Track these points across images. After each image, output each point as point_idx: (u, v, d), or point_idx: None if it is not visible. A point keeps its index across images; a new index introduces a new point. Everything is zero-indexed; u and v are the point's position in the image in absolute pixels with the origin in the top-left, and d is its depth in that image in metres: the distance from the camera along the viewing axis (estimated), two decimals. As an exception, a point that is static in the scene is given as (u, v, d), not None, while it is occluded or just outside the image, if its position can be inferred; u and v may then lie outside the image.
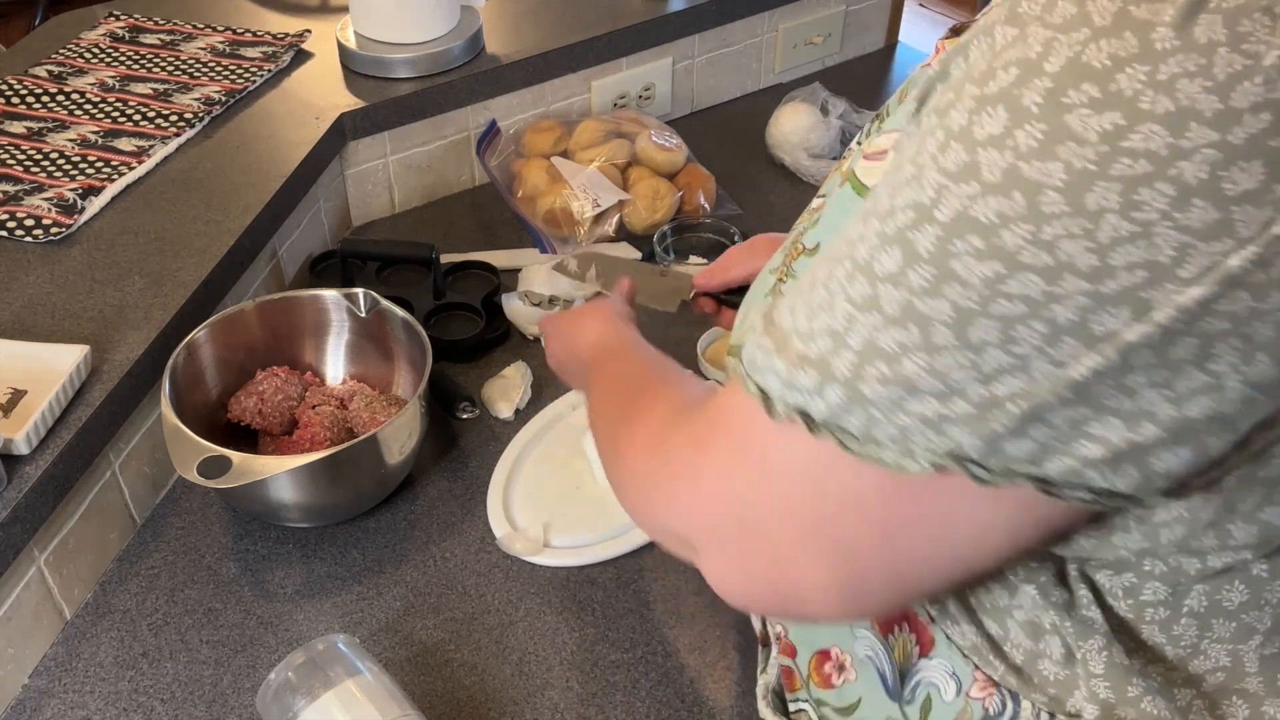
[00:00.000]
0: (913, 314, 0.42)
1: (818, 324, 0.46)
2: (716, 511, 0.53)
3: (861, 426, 0.45)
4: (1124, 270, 0.38)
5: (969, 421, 0.43)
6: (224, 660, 0.87)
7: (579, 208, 1.27)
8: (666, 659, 0.87)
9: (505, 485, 1.01)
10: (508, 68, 1.38)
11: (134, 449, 0.97)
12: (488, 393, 1.11)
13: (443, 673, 0.86)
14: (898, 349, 0.43)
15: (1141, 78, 0.36)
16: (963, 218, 0.40)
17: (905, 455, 0.45)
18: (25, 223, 1.08)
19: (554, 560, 0.94)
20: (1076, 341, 0.40)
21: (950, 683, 0.60)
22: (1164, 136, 0.36)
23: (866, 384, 0.44)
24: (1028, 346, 0.40)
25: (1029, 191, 0.39)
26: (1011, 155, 0.39)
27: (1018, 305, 0.40)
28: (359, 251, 1.21)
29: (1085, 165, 0.37)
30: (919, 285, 0.42)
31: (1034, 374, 0.41)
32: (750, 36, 1.60)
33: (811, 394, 0.46)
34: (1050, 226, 0.38)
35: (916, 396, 0.43)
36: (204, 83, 1.31)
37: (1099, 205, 0.38)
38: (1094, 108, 0.37)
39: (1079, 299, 0.39)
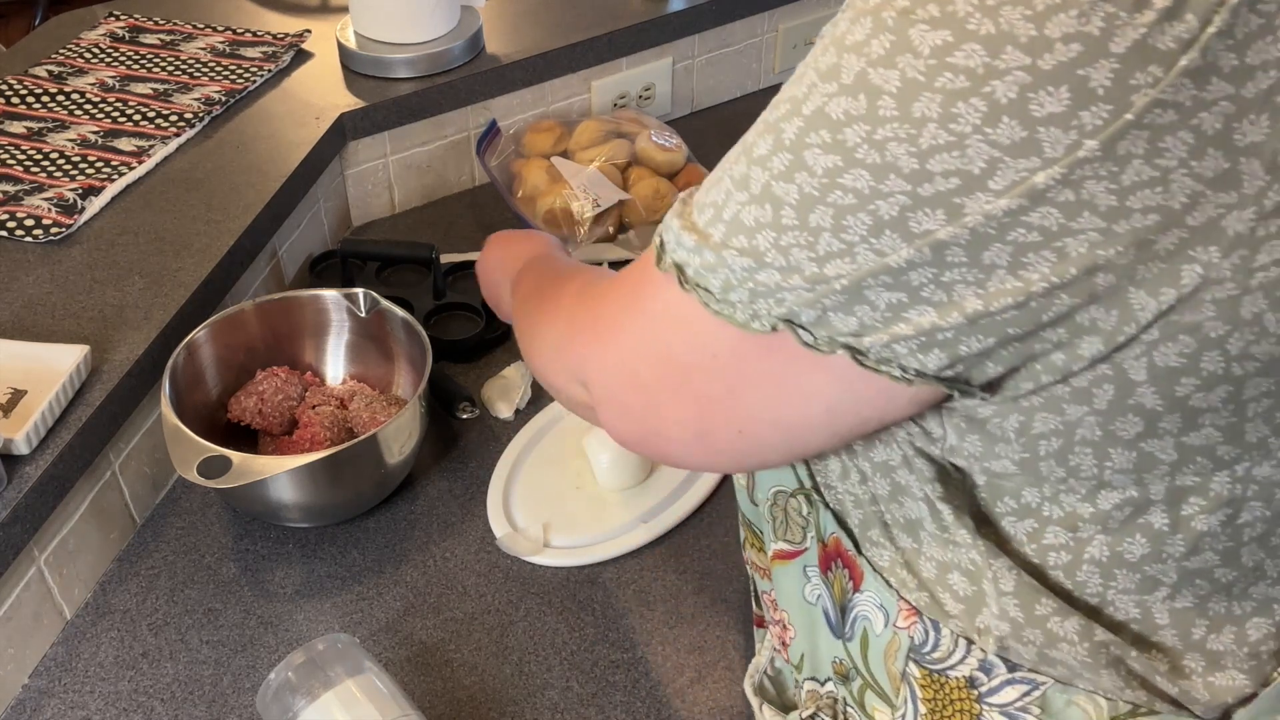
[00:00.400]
0: (769, 195, 0.47)
1: (707, 196, 0.51)
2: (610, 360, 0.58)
3: (720, 286, 0.50)
4: (940, 176, 0.42)
5: (803, 294, 0.47)
6: (224, 660, 0.87)
7: (579, 208, 1.27)
8: (666, 659, 0.87)
9: (505, 485, 1.01)
10: (508, 68, 1.38)
11: (134, 449, 0.97)
12: (488, 393, 1.11)
13: (443, 673, 0.86)
14: (754, 224, 0.48)
15: (975, 1, 0.40)
16: (820, 113, 0.44)
17: (752, 316, 0.50)
18: (25, 223, 1.08)
19: (554, 560, 0.94)
20: (896, 235, 0.44)
21: (879, 614, 0.63)
22: (982, 56, 0.40)
23: (729, 250, 0.49)
24: (855, 235, 0.45)
25: (871, 95, 0.43)
26: (864, 61, 0.43)
27: (849, 197, 0.44)
28: (359, 251, 1.21)
29: (915, 75, 0.41)
30: (778, 169, 0.46)
31: (858, 260, 0.45)
32: (750, 36, 1.60)
33: (690, 252, 0.51)
34: (883, 129, 0.42)
35: (764, 268, 0.48)
36: (204, 83, 1.31)
37: (922, 114, 0.41)
38: (932, 24, 0.41)
39: (900, 198, 0.43)
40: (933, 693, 0.61)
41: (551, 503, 0.99)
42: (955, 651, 0.59)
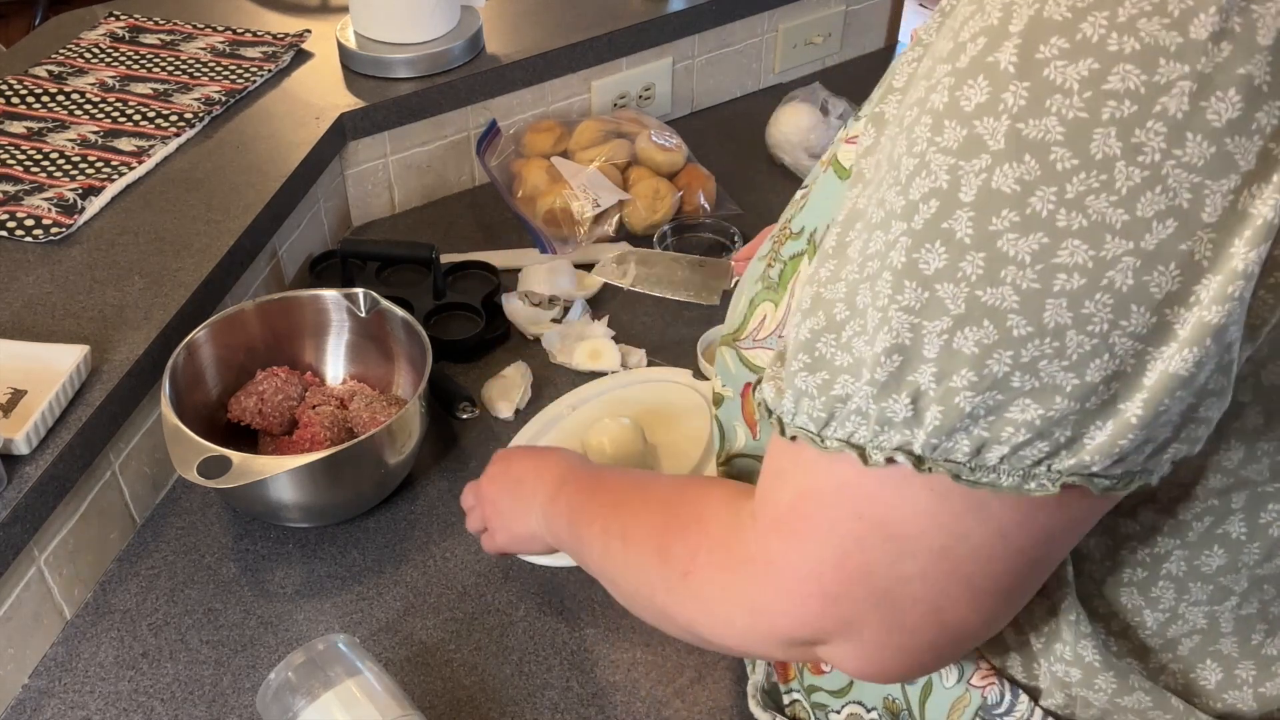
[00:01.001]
0: (980, 307, 0.40)
1: (880, 345, 0.43)
2: (850, 595, 0.48)
3: (970, 451, 0.43)
4: (1155, 221, 0.38)
5: (1073, 419, 0.41)
6: (224, 660, 0.87)
7: (579, 208, 1.27)
8: (666, 659, 0.87)
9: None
10: (508, 68, 1.38)
11: (134, 449, 0.97)
12: (488, 393, 1.11)
13: (443, 673, 0.86)
14: (978, 350, 0.41)
15: (1104, 22, 0.37)
16: (987, 192, 0.39)
17: (1024, 479, 0.43)
18: (25, 223, 1.08)
19: (554, 560, 0.94)
20: (1143, 308, 0.39)
21: (953, 669, 0.60)
22: (1138, 75, 0.37)
23: (959, 395, 0.42)
24: (1102, 321, 0.39)
25: (1036, 151, 0.38)
26: (1007, 118, 0.39)
27: (1076, 277, 0.39)
28: (359, 251, 1.21)
29: (1076, 114, 0.38)
30: (974, 275, 0.40)
31: (1117, 351, 0.39)
32: (750, 36, 1.60)
33: (908, 424, 0.43)
34: (1070, 184, 0.38)
35: (1014, 399, 0.41)
36: (204, 83, 1.31)
37: (1105, 153, 0.38)
38: (1067, 57, 0.38)
39: (1127, 260, 0.38)
40: None
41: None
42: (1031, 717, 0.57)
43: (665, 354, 1.17)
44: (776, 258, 0.61)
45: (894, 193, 0.43)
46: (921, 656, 0.50)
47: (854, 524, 0.47)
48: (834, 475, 0.47)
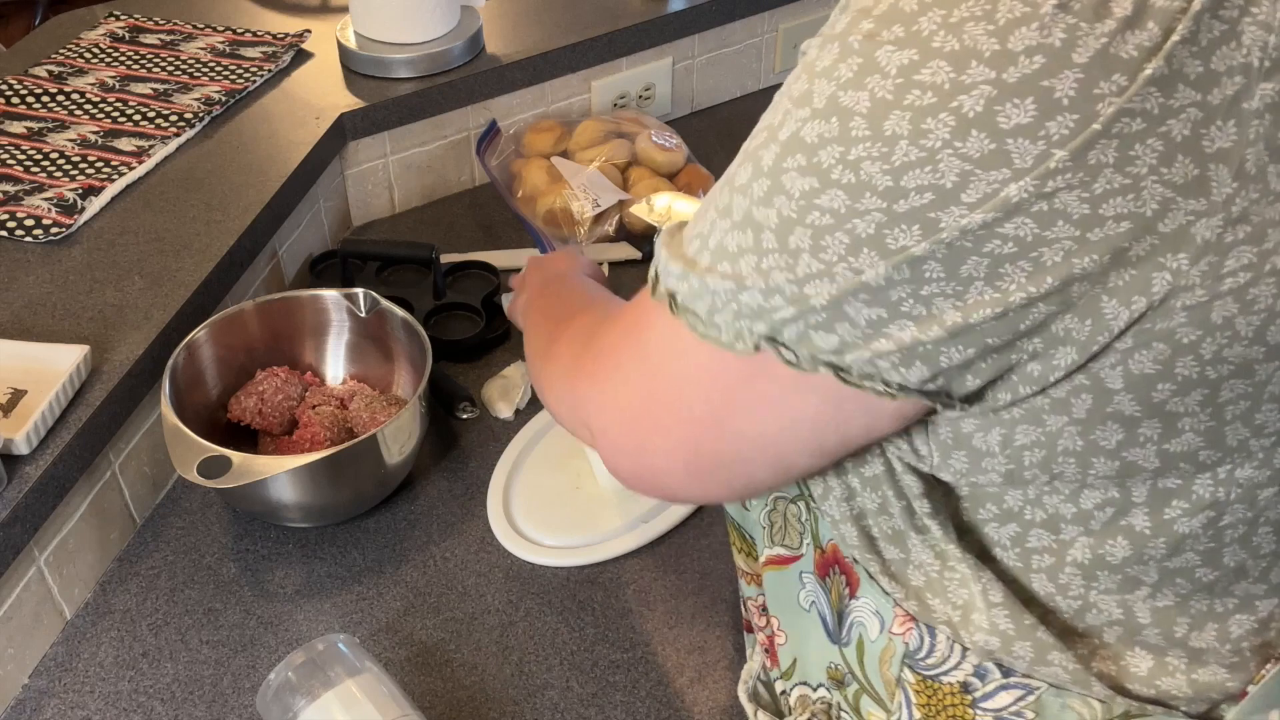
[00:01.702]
0: (750, 220, 0.48)
1: (695, 227, 0.52)
2: (605, 398, 0.59)
3: (706, 310, 0.51)
4: (914, 192, 0.42)
5: (784, 314, 0.48)
6: (224, 660, 0.87)
7: (579, 208, 1.27)
8: (666, 659, 0.87)
9: (505, 486, 1.01)
10: (508, 68, 1.38)
11: (134, 449, 0.97)
12: (488, 393, 1.11)
13: (443, 673, 0.86)
14: (737, 249, 0.48)
15: (938, 19, 0.41)
16: (795, 138, 0.45)
17: (735, 337, 0.50)
18: (25, 223, 1.08)
19: (554, 560, 0.94)
20: (873, 253, 0.44)
21: (875, 620, 0.63)
22: (948, 72, 0.41)
23: (713, 275, 0.50)
24: (833, 255, 0.45)
25: (843, 117, 0.43)
26: (834, 85, 0.44)
27: (826, 217, 0.45)
28: (359, 251, 1.21)
29: (884, 95, 0.42)
30: (757, 195, 0.47)
31: (837, 279, 0.45)
32: (750, 36, 1.60)
33: (678, 279, 0.52)
34: (856, 149, 0.43)
35: (746, 290, 0.48)
36: (204, 83, 1.31)
37: (893, 131, 0.42)
38: (897, 45, 0.42)
39: (876, 215, 0.43)
40: (927, 698, 0.61)
41: (552, 503, 0.99)
42: (950, 657, 0.60)
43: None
44: None
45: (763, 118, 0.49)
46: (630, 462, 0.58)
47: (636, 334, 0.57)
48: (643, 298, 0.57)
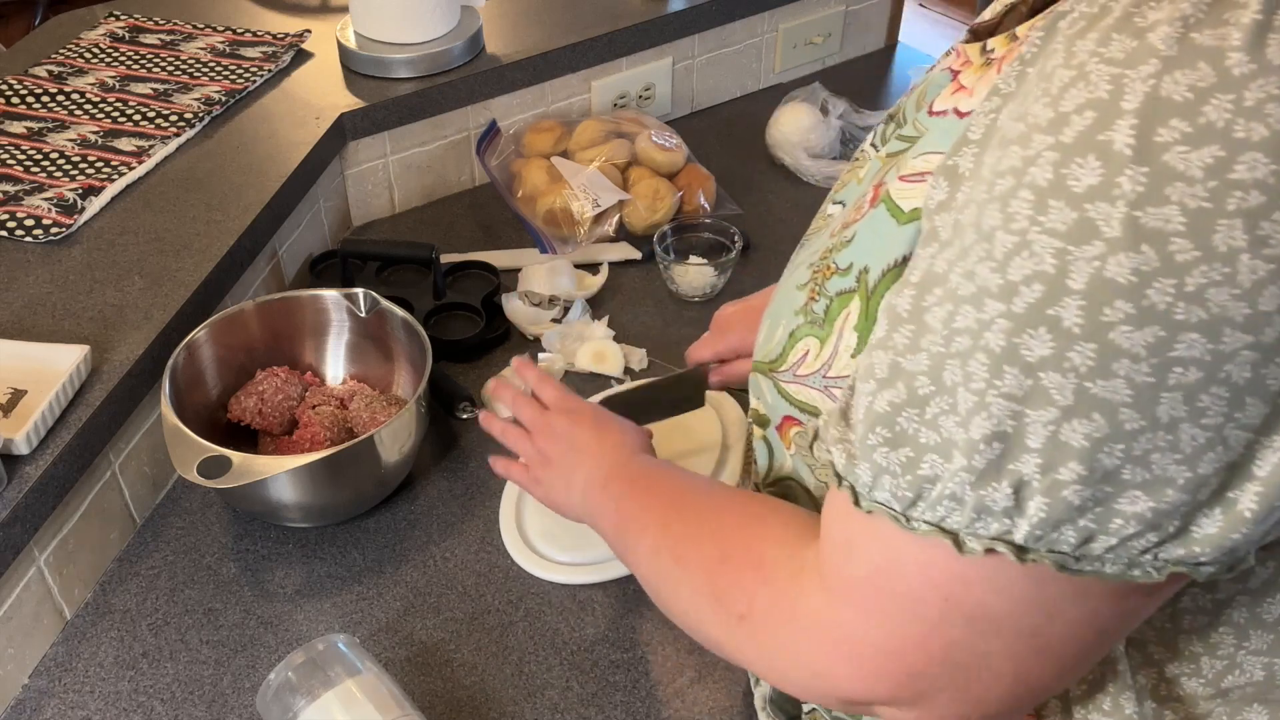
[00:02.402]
0: (1089, 400, 0.39)
1: (975, 430, 0.41)
2: (923, 671, 0.48)
3: (1076, 542, 0.42)
4: (1277, 314, 0.36)
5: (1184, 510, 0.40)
6: (224, 660, 0.87)
7: (579, 208, 1.27)
8: (666, 659, 0.87)
9: (517, 501, 0.99)
10: (508, 68, 1.38)
11: (134, 449, 0.97)
12: (488, 393, 1.11)
13: (443, 673, 0.86)
14: (1088, 443, 0.39)
15: (1229, 107, 0.35)
16: (1099, 281, 0.37)
17: (1129, 566, 0.42)
18: (25, 223, 1.08)
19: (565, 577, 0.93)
20: (1258, 400, 0.37)
21: None
22: (1267, 164, 0.35)
23: (1067, 488, 0.40)
24: (1217, 414, 0.38)
25: (1155, 241, 0.36)
26: (1124, 205, 0.37)
27: (1192, 371, 0.37)
28: (359, 251, 1.21)
29: (1200, 204, 0.36)
30: (1084, 367, 0.39)
31: (1231, 444, 0.38)
32: (750, 36, 1.60)
33: (1009, 513, 0.42)
34: (1191, 276, 0.36)
35: (1123, 492, 0.40)
36: (204, 83, 1.31)
37: (1229, 246, 0.36)
38: (1189, 143, 0.36)
39: (1246, 354, 0.37)
40: None
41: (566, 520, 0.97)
42: None
43: (666, 353, 1.17)
44: (820, 291, 0.58)
45: (987, 268, 0.41)
46: (990, 717, 0.50)
47: (941, 605, 0.46)
48: (920, 555, 0.46)
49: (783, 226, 1.36)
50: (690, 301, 1.24)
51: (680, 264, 1.24)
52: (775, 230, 1.35)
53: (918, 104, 0.61)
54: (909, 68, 1.72)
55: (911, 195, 0.53)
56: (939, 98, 0.57)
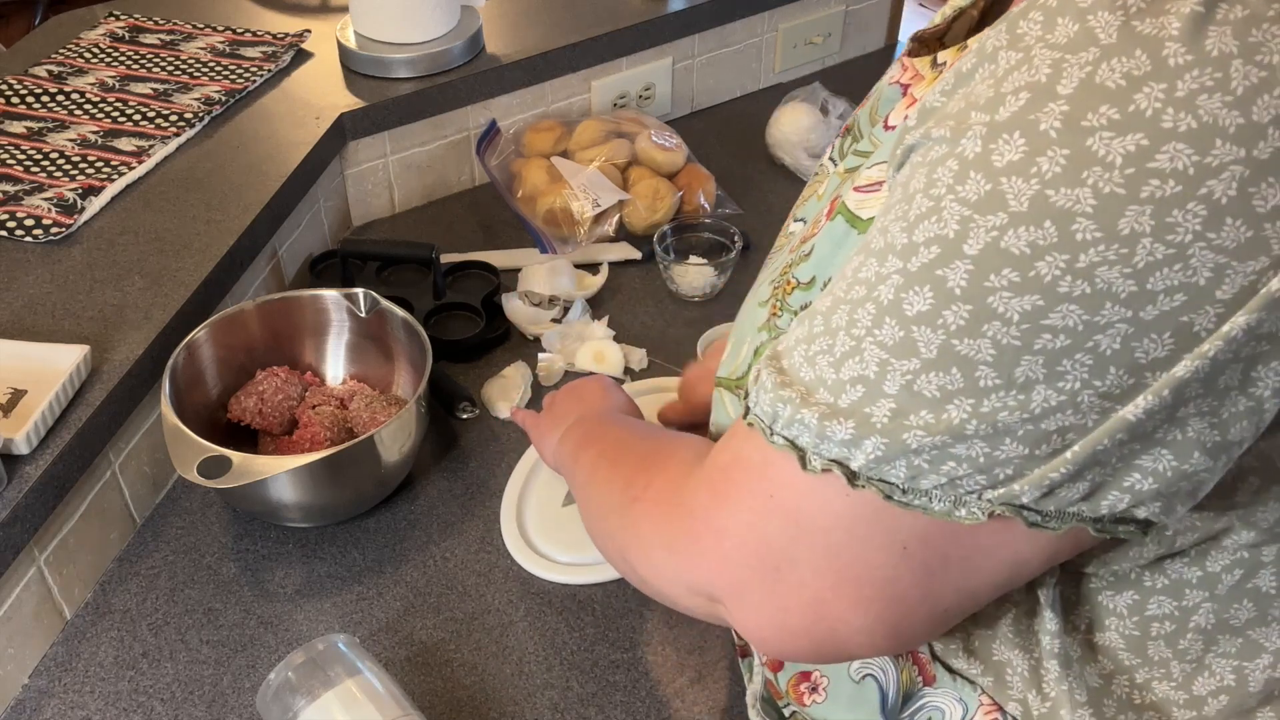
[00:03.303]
0: (952, 355, 0.41)
1: (846, 372, 0.44)
2: (744, 562, 0.51)
3: (906, 476, 0.44)
4: (1163, 295, 0.37)
5: (1018, 461, 0.41)
6: (224, 660, 0.87)
7: (579, 208, 1.27)
8: (666, 659, 0.87)
9: (518, 501, 0.99)
10: (508, 68, 1.38)
11: (134, 449, 0.97)
12: (488, 393, 1.11)
13: (443, 673, 0.86)
14: (939, 394, 0.41)
15: (1160, 95, 0.36)
16: (994, 250, 0.39)
17: (955, 504, 0.43)
18: (25, 223, 1.08)
19: (566, 577, 0.93)
20: (1122, 370, 0.39)
21: (957, 707, 0.60)
22: (1189, 155, 0.36)
23: (909, 433, 0.42)
24: (1075, 380, 0.39)
25: (1060, 219, 0.38)
26: (1037, 183, 0.38)
27: (1061, 338, 0.39)
28: (359, 251, 1.21)
29: (1114, 189, 0.37)
30: (955, 325, 0.40)
31: (1082, 408, 0.40)
32: (750, 36, 1.60)
33: (848, 445, 0.44)
34: (1086, 254, 0.37)
35: (964, 442, 0.42)
36: (204, 83, 1.31)
37: (1133, 229, 0.37)
38: (1115, 129, 0.36)
39: (1120, 326, 0.38)
40: None
41: (567, 520, 0.97)
42: None
43: (665, 353, 1.17)
44: (783, 306, 0.59)
45: (898, 227, 0.42)
46: (798, 640, 0.51)
47: (766, 499, 0.49)
48: (768, 458, 0.48)
49: (782, 227, 1.36)
50: (690, 301, 1.24)
51: (680, 264, 1.24)
52: (775, 230, 1.34)
53: (871, 118, 0.62)
54: (909, 68, 1.72)
55: (868, 204, 0.54)
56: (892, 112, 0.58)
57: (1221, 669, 0.53)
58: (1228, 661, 0.53)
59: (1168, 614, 0.52)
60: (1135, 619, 0.53)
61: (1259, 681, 0.53)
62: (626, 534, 0.62)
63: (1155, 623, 0.53)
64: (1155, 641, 0.53)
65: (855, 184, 0.56)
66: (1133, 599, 0.53)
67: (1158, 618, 0.52)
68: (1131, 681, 0.55)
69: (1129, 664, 0.54)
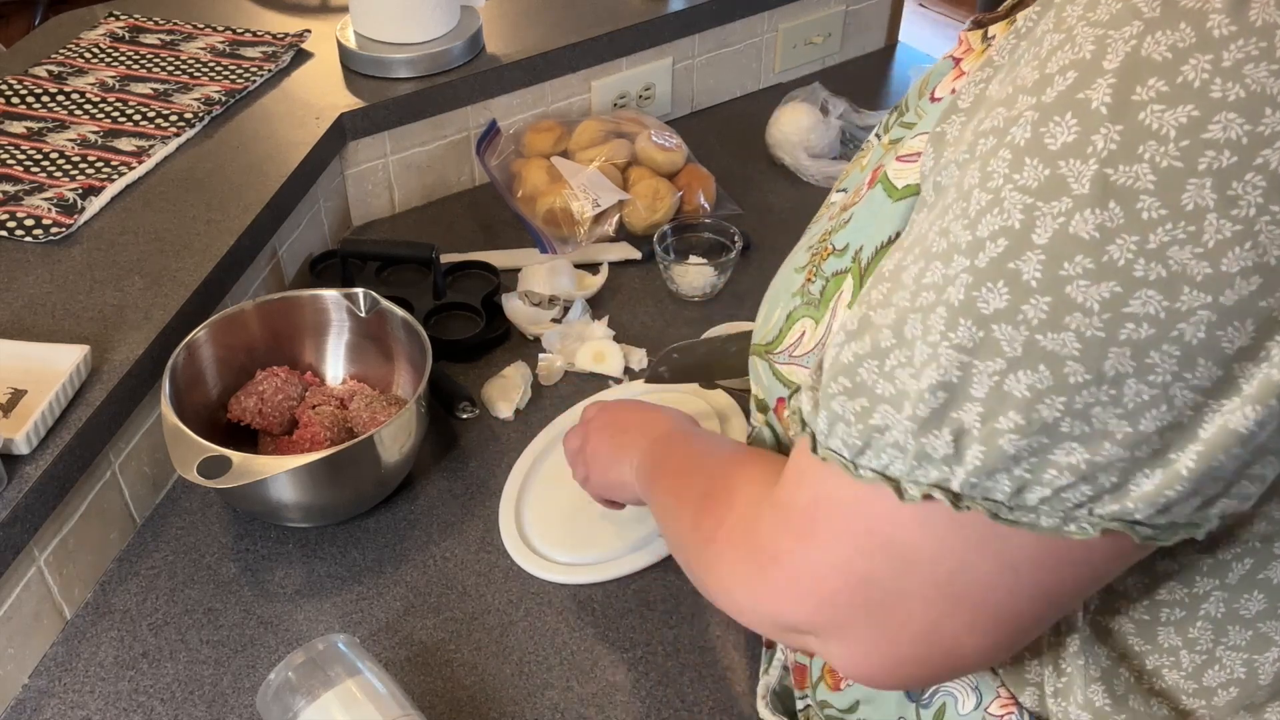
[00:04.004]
0: (1038, 351, 0.39)
1: (926, 380, 0.42)
2: (847, 602, 0.49)
3: (1010, 491, 0.42)
4: (1239, 277, 0.36)
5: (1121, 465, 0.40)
6: (224, 660, 0.87)
7: (579, 208, 1.27)
8: (666, 659, 0.87)
9: (517, 500, 1.00)
10: (508, 68, 1.38)
11: (134, 449, 0.97)
12: (488, 393, 1.11)
13: (443, 673, 0.86)
14: (1029, 394, 0.40)
15: (1207, 66, 0.35)
16: (1063, 236, 0.38)
17: (1065, 520, 0.42)
18: (25, 223, 1.08)
19: (565, 577, 0.93)
20: (1210, 362, 0.38)
21: (971, 696, 0.60)
22: (1241, 125, 0.35)
23: (1004, 438, 0.41)
24: (1165, 373, 0.38)
25: (1124, 198, 0.37)
26: (1095, 162, 0.37)
27: (1145, 327, 0.37)
28: (359, 251, 1.21)
29: (1171, 163, 0.36)
30: (1036, 319, 0.39)
31: (1176, 403, 0.38)
32: (750, 36, 1.60)
33: (948, 461, 0.43)
34: (1155, 234, 0.36)
35: (1060, 444, 0.40)
36: (204, 83, 1.31)
37: (1196, 205, 0.36)
38: (1165, 102, 0.36)
39: (1202, 314, 0.37)
40: None
41: (565, 519, 0.97)
42: None
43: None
44: (817, 273, 0.59)
45: (960, 225, 0.41)
46: (908, 668, 0.50)
47: (864, 537, 0.47)
48: (860, 494, 0.47)
49: (783, 226, 1.36)
50: (690, 301, 1.24)
51: (680, 264, 1.24)
52: (775, 230, 1.35)
53: (920, 92, 0.62)
54: (909, 68, 1.72)
55: (906, 173, 0.54)
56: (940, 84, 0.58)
57: (1232, 661, 0.53)
58: (1238, 654, 0.53)
59: (1178, 600, 0.52)
60: (1146, 602, 0.53)
61: (1269, 675, 0.53)
62: (706, 575, 0.60)
63: (1165, 608, 0.52)
64: (1165, 628, 0.53)
65: (898, 154, 0.56)
66: (1144, 582, 0.52)
67: (1168, 603, 0.52)
68: (1141, 668, 0.55)
69: (1139, 649, 0.54)
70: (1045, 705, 0.57)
